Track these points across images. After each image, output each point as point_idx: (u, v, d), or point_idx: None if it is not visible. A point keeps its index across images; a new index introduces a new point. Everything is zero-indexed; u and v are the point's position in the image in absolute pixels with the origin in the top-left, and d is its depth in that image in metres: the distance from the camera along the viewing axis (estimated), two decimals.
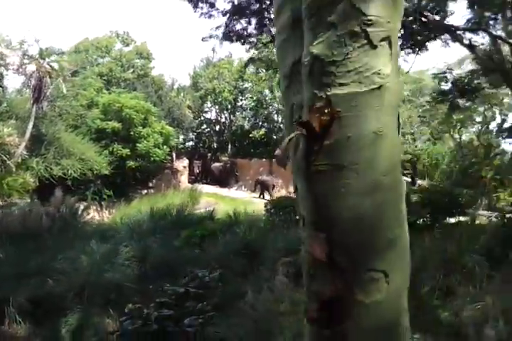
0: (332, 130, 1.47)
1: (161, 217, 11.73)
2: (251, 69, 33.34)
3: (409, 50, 10.19)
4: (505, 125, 28.49)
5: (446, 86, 13.06)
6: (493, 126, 30.70)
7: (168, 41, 62.82)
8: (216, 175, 35.44)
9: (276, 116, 36.66)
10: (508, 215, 8.53)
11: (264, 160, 34.69)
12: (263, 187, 26.82)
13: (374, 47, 1.40)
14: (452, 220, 10.61)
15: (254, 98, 36.37)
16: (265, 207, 12.36)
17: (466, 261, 5.80)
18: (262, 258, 7.58)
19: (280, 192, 28.18)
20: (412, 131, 36.18)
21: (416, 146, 34.78)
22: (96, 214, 23.22)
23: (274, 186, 27.06)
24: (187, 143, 40.68)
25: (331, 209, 1.53)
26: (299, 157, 1.59)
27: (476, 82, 12.97)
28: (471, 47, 9.80)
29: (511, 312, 4.69)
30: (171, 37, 67.56)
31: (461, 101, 13.84)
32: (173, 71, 60.75)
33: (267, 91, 36.66)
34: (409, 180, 30.41)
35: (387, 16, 1.40)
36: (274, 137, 37.06)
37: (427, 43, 10.09)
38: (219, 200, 26.44)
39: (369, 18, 1.38)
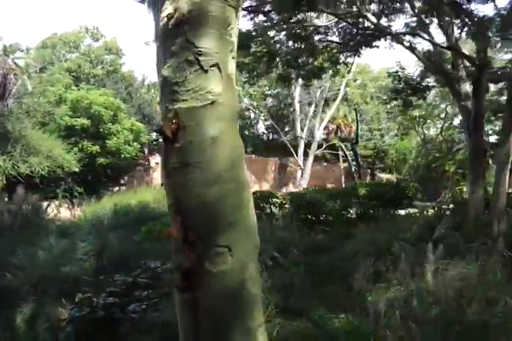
0: (179, 136, 1.87)
1: (124, 213, 12.01)
2: None
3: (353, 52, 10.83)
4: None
5: (399, 84, 13.65)
6: (456, 122, 31.71)
7: (139, 37, 62.35)
8: None
9: (248, 112, 37.05)
10: (444, 206, 9.14)
11: None
12: None
13: (206, 71, 1.81)
14: (402, 212, 11.23)
15: None
16: None
17: (394, 248, 6.30)
18: None
19: (252, 188, 28.63)
20: (380, 126, 37.12)
21: (384, 142, 35.68)
22: (68, 212, 23.26)
23: None
24: (160, 140, 40.67)
25: (184, 198, 1.93)
26: (161, 156, 2.00)
27: (427, 80, 13.62)
28: (411, 49, 10.36)
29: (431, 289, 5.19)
30: (142, 33, 66.92)
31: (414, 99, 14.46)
32: (143, 67, 60.43)
33: (238, 87, 36.84)
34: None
35: (216, 48, 1.82)
36: (246, 133, 37.47)
37: (363, 46, 10.66)
38: None
39: (200, 49, 1.79)
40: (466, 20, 10.45)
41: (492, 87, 16.27)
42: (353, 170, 27.32)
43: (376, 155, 35.21)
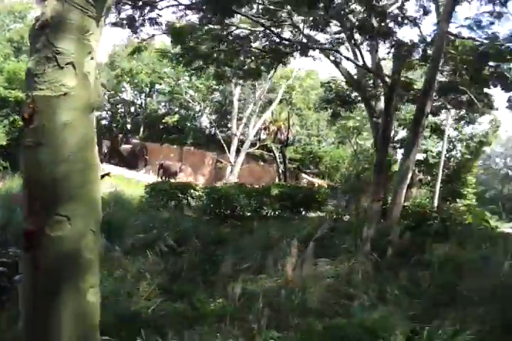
0: (34, 118, 2.21)
1: None
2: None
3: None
4: (398, 137, 31.22)
5: (330, 95, 14.41)
6: None
7: None
8: (125, 156, 35.22)
9: (191, 104, 37.08)
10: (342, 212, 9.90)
11: (175, 146, 35.13)
12: (165, 171, 27.28)
13: (61, 68, 2.16)
14: (313, 214, 11.95)
15: (172, 83, 36.47)
16: (145, 189, 13.02)
17: (282, 245, 6.86)
18: (120, 233, 8.22)
19: (188, 179, 28.81)
20: (319, 133, 38.39)
21: (320, 148, 36.93)
22: None
23: (177, 172, 27.59)
24: (100, 122, 39.89)
25: (34, 173, 2.27)
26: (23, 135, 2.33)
27: (355, 94, 14.48)
28: (336, 64, 11.07)
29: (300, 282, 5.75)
30: None
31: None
32: None
33: (186, 78, 36.76)
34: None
35: (72, 50, 2.18)
36: (188, 124, 37.51)
37: (287, 58, 11.32)
38: (123, 182, 26.45)
39: (57, 49, 2.14)
40: (393, 42, 11.34)
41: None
42: (280, 171, 28.28)
43: (312, 159, 36.37)
